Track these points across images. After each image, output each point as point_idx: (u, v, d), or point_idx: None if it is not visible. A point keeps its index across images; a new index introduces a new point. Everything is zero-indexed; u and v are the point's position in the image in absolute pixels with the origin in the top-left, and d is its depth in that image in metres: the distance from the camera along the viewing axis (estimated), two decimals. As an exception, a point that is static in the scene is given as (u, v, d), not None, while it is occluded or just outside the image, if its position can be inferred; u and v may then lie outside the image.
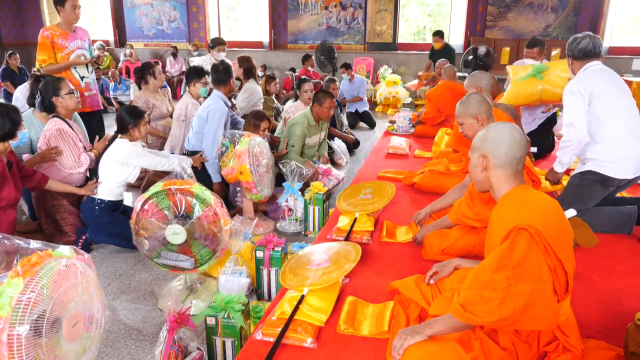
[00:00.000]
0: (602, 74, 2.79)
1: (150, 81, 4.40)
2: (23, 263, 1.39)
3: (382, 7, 9.49)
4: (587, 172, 2.76)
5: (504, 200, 1.58)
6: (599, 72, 2.79)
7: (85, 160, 3.20)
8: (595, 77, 2.77)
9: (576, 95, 2.76)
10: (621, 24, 9.06)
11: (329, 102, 3.96)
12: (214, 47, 5.52)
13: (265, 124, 3.68)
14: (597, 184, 2.72)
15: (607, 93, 2.71)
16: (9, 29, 11.01)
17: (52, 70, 3.82)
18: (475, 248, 2.32)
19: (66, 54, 3.87)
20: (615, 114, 2.70)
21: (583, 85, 2.75)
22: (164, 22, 10.77)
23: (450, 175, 3.32)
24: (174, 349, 1.83)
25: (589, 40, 2.81)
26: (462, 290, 1.48)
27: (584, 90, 2.74)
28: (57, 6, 3.81)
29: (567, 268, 1.43)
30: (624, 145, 2.67)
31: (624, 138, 2.68)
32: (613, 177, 2.68)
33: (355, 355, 1.71)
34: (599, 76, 2.77)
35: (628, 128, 2.70)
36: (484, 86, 3.43)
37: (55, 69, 3.84)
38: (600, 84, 2.73)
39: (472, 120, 2.48)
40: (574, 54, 2.87)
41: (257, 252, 2.41)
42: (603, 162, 2.69)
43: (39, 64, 3.85)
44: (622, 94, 2.77)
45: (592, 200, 2.77)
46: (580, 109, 2.75)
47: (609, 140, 2.69)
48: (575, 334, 1.51)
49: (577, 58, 2.87)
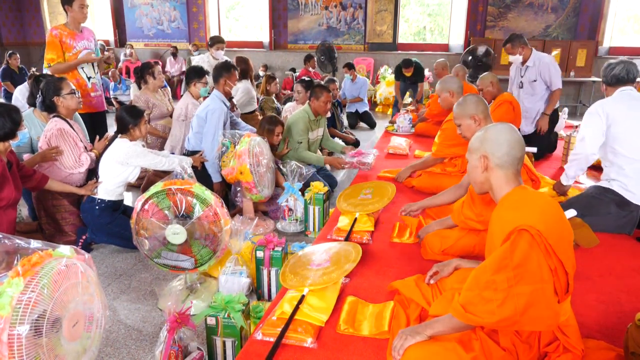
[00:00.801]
0: (627, 99, 2.77)
1: (149, 81, 4.40)
2: (23, 263, 1.40)
3: (382, 7, 9.49)
4: (610, 190, 2.75)
5: (505, 201, 1.58)
6: (624, 98, 2.79)
7: (86, 160, 3.20)
8: (617, 102, 2.78)
9: (593, 115, 2.79)
10: (621, 25, 9.07)
11: (325, 96, 3.96)
12: (212, 45, 5.51)
13: (279, 129, 3.69)
14: (613, 204, 2.71)
15: (627, 117, 2.70)
16: (9, 28, 11.01)
17: (60, 69, 3.79)
18: (475, 248, 2.32)
19: (74, 54, 3.86)
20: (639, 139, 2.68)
21: (602, 107, 2.77)
22: (164, 22, 10.77)
23: (448, 176, 3.33)
24: (174, 349, 1.83)
25: (622, 67, 2.81)
26: (463, 290, 1.48)
27: (602, 111, 2.76)
28: (65, 6, 3.79)
29: (567, 269, 1.43)
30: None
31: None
32: (632, 202, 2.68)
33: (356, 355, 1.71)
34: (623, 101, 2.77)
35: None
36: (455, 89, 3.51)
37: (64, 68, 3.81)
38: (622, 108, 2.73)
39: (470, 121, 2.48)
40: (607, 80, 2.88)
41: (257, 252, 2.41)
42: (628, 187, 2.69)
43: (47, 63, 3.81)
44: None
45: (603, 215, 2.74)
46: (595, 127, 2.77)
47: (635, 167, 2.68)
48: (575, 334, 1.51)
49: (610, 84, 2.87)
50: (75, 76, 3.84)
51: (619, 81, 2.83)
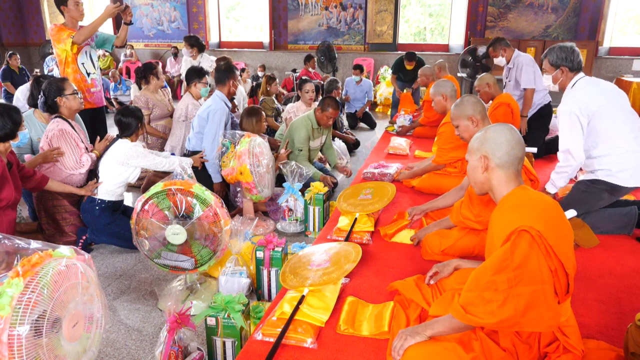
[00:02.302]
0: (594, 87, 2.72)
1: (152, 81, 4.41)
2: (23, 263, 1.40)
3: (382, 8, 9.49)
4: (596, 181, 2.72)
5: (505, 201, 1.58)
6: (592, 86, 2.72)
7: (87, 161, 3.20)
8: (589, 92, 2.68)
9: (572, 119, 2.66)
10: (621, 25, 9.07)
11: (331, 112, 3.89)
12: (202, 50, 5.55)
13: (262, 115, 3.72)
14: (605, 192, 2.70)
15: (605, 108, 2.65)
16: (9, 29, 11.01)
17: (84, 33, 3.72)
18: (475, 249, 2.32)
19: (74, 53, 3.85)
20: (618, 126, 2.65)
21: (579, 106, 2.66)
22: (164, 22, 10.77)
23: (449, 176, 3.33)
24: (174, 349, 1.83)
25: (577, 53, 2.76)
26: (463, 291, 1.48)
27: (580, 111, 2.65)
28: (60, 6, 3.76)
29: (567, 269, 1.43)
30: (632, 153, 2.64)
31: (631, 148, 2.64)
32: (622, 186, 2.66)
33: (356, 355, 1.71)
34: (593, 91, 2.69)
35: (634, 136, 2.67)
36: (448, 93, 3.51)
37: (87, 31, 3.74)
38: (597, 100, 2.66)
39: (467, 122, 2.49)
40: (573, 65, 2.76)
41: (257, 253, 2.41)
42: (613, 172, 2.66)
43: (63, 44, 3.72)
44: (619, 104, 2.71)
45: (599, 205, 2.75)
46: (577, 134, 2.67)
47: (617, 152, 2.65)
48: (575, 334, 1.51)
49: (574, 69, 2.78)
50: (75, 72, 3.83)
51: (580, 67, 2.77)
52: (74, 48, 3.76)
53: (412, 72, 6.83)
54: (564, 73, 2.80)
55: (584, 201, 2.75)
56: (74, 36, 3.71)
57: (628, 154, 2.63)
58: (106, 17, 3.84)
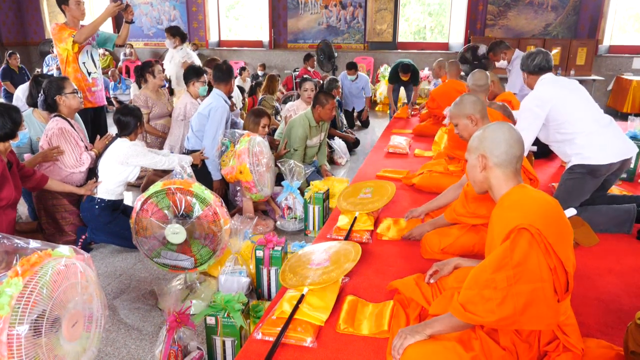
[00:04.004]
0: (556, 83, 2.96)
1: (149, 80, 4.40)
2: (22, 263, 1.39)
3: (382, 6, 9.48)
4: (574, 166, 2.84)
5: (504, 200, 1.57)
6: (553, 82, 2.96)
7: (87, 159, 3.20)
8: (550, 87, 2.92)
9: (532, 112, 2.89)
10: (621, 23, 9.05)
11: (331, 103, 3.98)
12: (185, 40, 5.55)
13: (265, 121, 3.68)
14: (587, 175, 2.79)
15: (566, 98, 2.85)
16: (9, 28, 11.00)
17: (85, 32, 3.73)
18: (475, 247, 2.32)
19: (75, 53, 3.85)
20: (580, 112, 2.84)
21: (540, 99, 2.87)
22: (164, 21, 10.76)
23: (449, 175, 3.33)
24: (173, 349, 1.83)
25: (542, 57, 2.99)
26: (462, 289, 1.48)
27: (540, 104, 2.86)
28: (62, 5, 3.76)
29: (567, 268, 1.43)
30: (599, 134, 2.79)
31: (595, 129, 2.80)
32: (599, 165, 2.75)
33: (355, 354, 1.71)
34: (555, 86, 2.93)
35: (595, 119, 2.83)
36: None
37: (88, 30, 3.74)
38: (557, 92, 2.88)
39: (467, 121, 2.49)
40: (530, 69, 3.04)
41: (257, 252, 2.40)
42: (585, 154, 2.78)
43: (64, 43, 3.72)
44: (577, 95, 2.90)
45: (586, 192, 2.84)
46: (532, 127, 2.90)
47: (583, 134, 2.79)
48: (575, 333, 1.51)
49: (533, 73, 3.03)
50: (76, 71, 3.83)
51: (541, 70, 2.99)
52: (75, 47, 3.76)
53: (408, 83, 6.81)
54: (526, 76, 3.12)
55: (571, 190, 2.83)
56: (75, 35, 3.71)
57: (592, 135, 2.78)
58: (107, 16, 3.83)
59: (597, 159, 2.75)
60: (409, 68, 6.58)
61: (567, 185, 2.86)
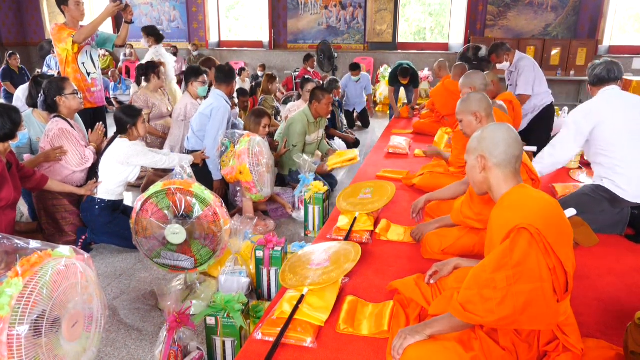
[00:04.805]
0: (613, 98, 2.78)
1: (153, 80, 4.41)
2: (23, 263, 1.39)
3: (382, 7, 9.49)
4: (601, 187, 2.74)
5: (504, 200, 1.58)
6: (610, 97, 2.79)
7: (90, 155, 3.21)
8: (604, 102, 2.77)
9: (576, 124, 2.79)
10: (621, 23, 9.06)
11: (327, 99, 4.01)
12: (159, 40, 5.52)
13: (266, 121, 3.68)
14: (606, 201, 2.71)
15: (615, 117, 2.70)
16: (9, 28, 11.01)
17: (84, 32, 3.73)
18: (475, 248, 2.32)
19: (75, 53, 3.85)
20: (627, 137, 2.68)
21: (585, 112, 2.77)
22: (164, 21, 10.77)
23: (450, 176, 3.33)
24: (173, 349, 1.83)
25: (603, 67, 2.83)
26: (462, 289, 1.48)
27: (584, 116, 2.76)
28: (61, 6, 3.76)
29: (567, 268, 1.43)
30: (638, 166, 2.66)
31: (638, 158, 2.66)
32: (624, 199, 2.67)
33: (355, 355, 1.71)
34: (609, 101, 2.77)
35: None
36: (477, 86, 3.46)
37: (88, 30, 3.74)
38: (608, 108, 2.72)
39: (471, 118, 2.48)
40: (589, 80, 2.91)
41: (257, 252, 2.40)
42: (619, 184, 2.68)
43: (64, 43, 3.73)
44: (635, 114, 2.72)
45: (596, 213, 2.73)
46: (571, 138, 2.81)
47: (625, 164, 2.67)
48: (575, 333, 1.51)
49: (593, 84, 2.90)
50: (75, 71, 3.83)
51: (601, 81, 2.85)
52: (75, 47, 3.76)
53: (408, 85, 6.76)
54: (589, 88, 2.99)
55: (584, 203, 2.74)
56: (74, 35, 3.71)
57: (632, 165, 2.66)
58: (106, 16, 3.83)
59: (627, 194, 2.66)
60: (407, 72, 6.48)
61: (583, 199, 2.76)
